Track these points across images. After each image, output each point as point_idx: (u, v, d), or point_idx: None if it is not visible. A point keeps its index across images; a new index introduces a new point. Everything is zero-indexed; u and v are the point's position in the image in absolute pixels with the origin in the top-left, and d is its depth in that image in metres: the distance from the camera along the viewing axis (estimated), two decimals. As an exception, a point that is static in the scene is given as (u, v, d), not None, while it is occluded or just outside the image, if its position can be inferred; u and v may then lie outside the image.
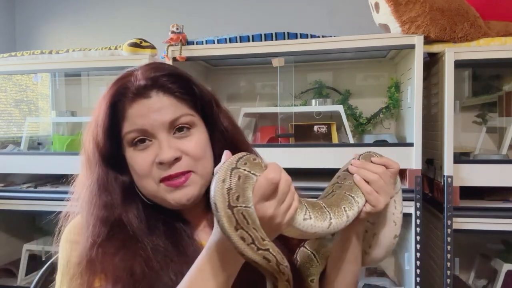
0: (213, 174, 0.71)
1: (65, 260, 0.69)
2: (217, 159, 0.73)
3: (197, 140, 0.70)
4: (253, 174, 0.50)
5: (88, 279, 0.63)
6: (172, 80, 0.69)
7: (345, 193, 0.64)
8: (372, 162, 0.68)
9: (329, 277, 0.78)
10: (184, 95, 0.70)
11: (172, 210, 0.71)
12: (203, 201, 0.74)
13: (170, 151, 0.66)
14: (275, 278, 0.50)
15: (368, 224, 0.77)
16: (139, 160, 0.68)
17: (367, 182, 0.66)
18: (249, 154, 0.54)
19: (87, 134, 0.72)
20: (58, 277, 0.70)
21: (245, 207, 0.48)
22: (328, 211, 0.59)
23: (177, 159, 0.67)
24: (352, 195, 0.63)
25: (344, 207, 0.62)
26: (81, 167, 0.73)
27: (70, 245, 0.70)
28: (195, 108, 0.72)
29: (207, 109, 0.74)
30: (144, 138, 0.68)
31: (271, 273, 0.50)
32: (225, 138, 0.75)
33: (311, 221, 0.57)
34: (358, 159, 0.69)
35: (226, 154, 0.59)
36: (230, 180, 0.48)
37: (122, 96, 0.68)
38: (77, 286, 0.63)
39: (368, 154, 0.70)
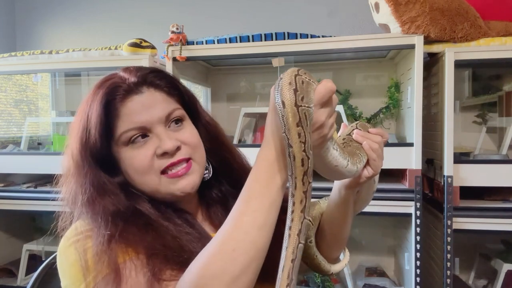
0: (207, 163, 0.76)
1: (77, 262, 0.62)
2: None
3: (191, 130, 0.73)
4: (313, 82, 0.55)
5: (114, 261, 0.59)
6: (159, 76, 0.72)
7: (355, 150, 0.70)
8: (369, 131, 0.75)
9: (327, 233, 0.84)
10: (171, 90, 0.73)
11: (168, 202, 0.72)
12: (196, 195, 0.77)
13: (172, 141, 0.68)
14: (298, 182, 0.54)
15: None
16: (139, 156, 0.68)
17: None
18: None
19: (74, 140, 0.71)
20: (68, 283, 0.63)
21: (307, 107, 0.52)
22: (347, 155, 0.65)
23: (178, 148, 0.69)
24: (360, 154, 0.69)
25: (356, 160, 0.67)
26: (67, 174, 0.71)
27: (77, 244, 0.63)
28: (182, 103, 0.75)
29: (191, 105, 0.77)
30: (143, 134, 0.69)
31: (297, 176, 0.53)
32: (208, 131, 0.79)
33: (337, 152, 0.62)
34: (357, 127, 0.75)
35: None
36: (296, 83, 0.52)
37: (114, 95, 0.68)
38: (105, 273, 0.59)
39: (362, 124, 0.76)
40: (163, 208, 0.71)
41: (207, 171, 0.77)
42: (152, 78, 0.71)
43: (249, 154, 0.82)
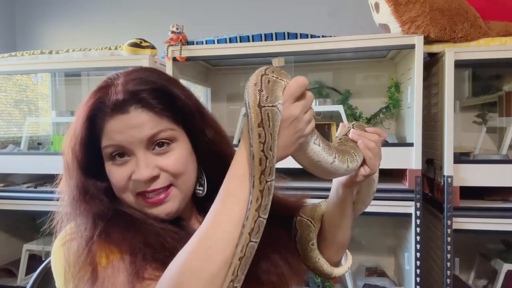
0: (194, 189, 0.73)
1: (64, 263, 0.65)
2: (204, 171, 0.74)
3: (177, 155, 0.68)
4: (280, 79, 0.56)
5: (92, 260, 0.60)
6: (153, 95, 0.66)
7: (349, 149, 0.70)
8: (366, 131, 0.75)
9: (328, 235, 0.83)
10: (164, 111, 0.67)
11: None
12: (190, 201, 0.75)
13: (147, 170, 0.65)
14: (255, 180, 0.55)
15: None
16: (116, 175, 0.67)
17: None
18: (275, 67, 0.59)
19: (65, 141, 0.71)
20: (60, 283, 0.66)
21: (272, 106, 0.54)
22: (335, 152, 0.65)
23: (154, 178, 0.66)
24: (354, 153, 0.69)
25: (347, 158, 0.67)
26: (62, 172, 0.72)
27: (65, 246, 0.66)
28: (176, 121, 0.69)
29: (190, 122, 0.71)
30: (122, 153, 0.66)
31: (255, 175, 0.54)
32: (210, 149, 0.73)
33: (319, 148, 0.62)
34: (353, 127, 0.75)
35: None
36: (261, 83, 0.54)
37: (99, 111, 0.66)
38: (83, 272, 0.60)
39: (359, 124, 0.77)
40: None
41: (201, 188, 0.74)
42: (145, 95, 0.65)
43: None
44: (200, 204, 0.76)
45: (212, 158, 0.73)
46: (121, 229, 0.64)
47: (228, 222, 0.55)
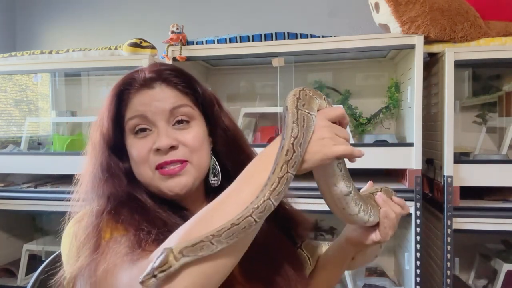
0: (208, 179, 0.76)
1: (72, 236, 0.67)
2: (218, 156, 0.77)
3: (195, 133, 0.73)
4: (316, 98, 0.62)
5: (97, 233, 0.62)
6: (175, 74, 0.73)
7: (368, 204, 0.71)
8: (392, 199, 0.75)
9: (317, 277, 0.84)
10: (186, 88, 0.74)
11: (172, 200, 0.73)
12: (202, 191, 0.78)
13: (168, 139, 0.69)
14: (277, 168, 0.56)
15: None
16: (138, 146, 0.71)
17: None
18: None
19: (94, 125, 0.75)
20: (66, 263, 0.67)
21: (307, 112, 0.58)
22: (354, 189, 0.67)
23: (173, 147, 0.70)
24: (372, 210, 0.70)
25: (365, 209, 0.69)
26: (87, 156, 0.75)
27: (76, 225, 0.68)
28: (196, 103, 0.75)
29: (208, 107, 0.77)
30: (145, 127, 0.71)
31: (278, 163, 0.56)
32: (227, 136, 0.78)
33: (341, 173, 0.64)
34: (380, 191, 0.75)
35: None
36: (299, 94, 0.60)
37: (128, 86, 0.72)
38: (86, 242, 0.62)
39: (387, 190, 0.77)
40: (160, 200, 0.72)
41: (216, 178, 0.77)
42: (168, 74, 0.73)
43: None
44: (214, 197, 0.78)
45: (228, 145, 0.78)
46: (130, 211, 0.67)
47: (235, 203, 0.55)
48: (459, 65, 1.62)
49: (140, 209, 0.68)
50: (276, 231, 0.79)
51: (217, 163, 0.77)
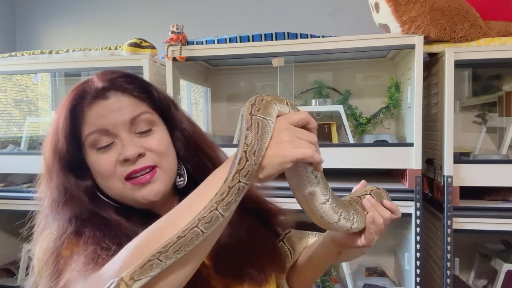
0: (177, 172, 0.74)
1: (35, 261, 0.67)
2: (179, 157, 0.76)
3: (160, 137, 0.72)
4: (274, 102, 0.60)
5: (58, 255, 0.61)
6: (128, 80, 0.72)
7: (352, 208, 0.69)
8: (382, 203, 0.72)
9: (301, 268, 0.84)
10: (142, 93, 0.72)
11: (143, 209, 0.72)
12: (172, 194, 0.76)
13: (134, 148, 0.68)
14: (229, 177, 0.54)
15: None
16: (102, 161, 0.68)
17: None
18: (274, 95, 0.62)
19: (46, 144, 0.72)
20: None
21: (263, 118, 0.57)
22: (333, 197, 0.65)
23: (140, 155, 0.68)
24: (354, 215, 0.68)
25: (346, 212, 0.66)
26: (42, 179, 0.73)
27: (37, 246, 0.68)
28: (153, 107, 0.74)
29: (165, 110, 0.76)
30: (107, 142, 0.68)
31: (231, 172, 0.54)
32: (185, 137, 0.77)
33: (315, 180, 0.62)
34: (370, 194, 0.72)
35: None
36: (255, 100, 0.58)
37: (81, 99, 0.69)
38: (47, 267, 0.61)
39: (378, 192, 0.74)
40: (129, 212, 0.70)
41: (182, 178, 0.76)
42: (121, 82, 0.71)
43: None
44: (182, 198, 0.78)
45: (187, 146, 0.76)
46: (92, 230, 0.64)
47: (187, 211, 0.55)
48: (459, 65, 1.62)
49: (104, 226, 0.66)
50: (256, 224, 0.79)
51: (181, 163, 0.76)
